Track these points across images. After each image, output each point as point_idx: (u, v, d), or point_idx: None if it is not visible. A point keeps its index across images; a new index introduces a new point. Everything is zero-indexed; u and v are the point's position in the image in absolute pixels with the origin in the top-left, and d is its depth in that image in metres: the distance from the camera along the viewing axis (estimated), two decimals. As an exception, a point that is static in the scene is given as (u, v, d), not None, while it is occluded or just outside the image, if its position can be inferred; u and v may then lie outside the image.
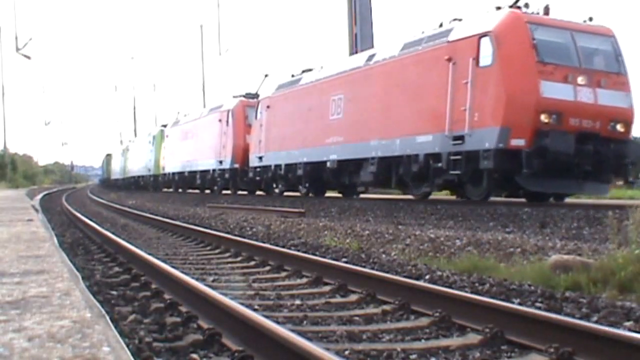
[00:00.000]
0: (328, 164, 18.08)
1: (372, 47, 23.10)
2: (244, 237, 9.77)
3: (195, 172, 30.62)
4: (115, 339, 2.43)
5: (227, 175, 26.22)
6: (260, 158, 22.56)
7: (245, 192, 26.83)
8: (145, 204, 23.49)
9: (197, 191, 31.83)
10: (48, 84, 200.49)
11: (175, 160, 34.72)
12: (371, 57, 16.96)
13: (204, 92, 49.57)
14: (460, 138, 13.04)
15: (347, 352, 3.70)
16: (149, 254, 7.29)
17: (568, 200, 14.49)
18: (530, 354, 3.72)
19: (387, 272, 6.12)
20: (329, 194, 22.34)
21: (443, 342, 4.00)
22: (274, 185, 23.41)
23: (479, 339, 3.96)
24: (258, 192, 26.00)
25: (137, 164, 46.41)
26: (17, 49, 36.37)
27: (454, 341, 3.99)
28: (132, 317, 4.40)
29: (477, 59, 12.88)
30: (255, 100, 25.40)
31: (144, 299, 5.14)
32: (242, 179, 25.22)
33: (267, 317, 3.92)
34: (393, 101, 15.50)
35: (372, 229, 10.14)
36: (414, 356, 3.68)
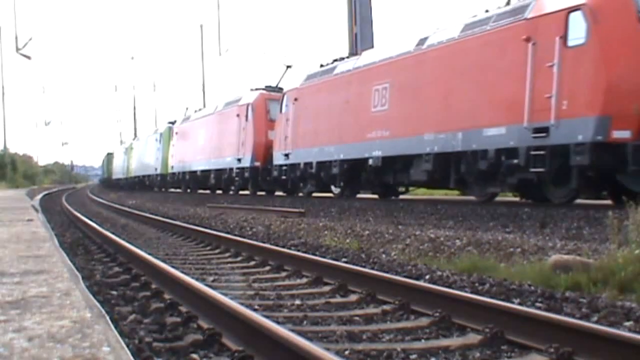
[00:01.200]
0: (370, 162, 16.08)
1: (372, 47, 23.08)
2: (244, 237, 9.77)
3: (208, 171, 28.47)
4: (115, 339, 2.43)
5: (246, 174, 24.12)
6: (287, 155, 20.58)
7: (262, 193, 25.02)
8: (145, 204, 23.49)
9: (208, 191, 30.00)
10: (48, 84, 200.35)
11: (186, 158, 32.41)
12: (423, 40, 14.72)
13: (204, 92, 49.58)
14: (544, 130, 11.25)
15: (347, 352, 3.70)
16: (149, 254, 7.29)
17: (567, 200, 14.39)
18: (530, 354, 3.72)
19: (387, 272, 6.12)
20: (311, 194, 22.22)
21: (443, 342, 4.00)
22: (301, 185, 21.59)
23: (479, 339, 3.96)
24: (268, 192, 24.65)
25: (143, 162, 44.14)
26: (17, 49, 36.37)
27: (454, 341, 3.99)
28: (132, 317, 4.40)
29: (565, 38, 11.06)
30: (277, 93, 23.56)
31: (144, 299, 5.14)
32: (264, 179, 23.31)
33: (267, 317, 3.93)
34: (453, 89, 13.51)
35: (372, 229, 10.14)
36: (414, 356, 3.68)
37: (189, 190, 32.48)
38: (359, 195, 19.84)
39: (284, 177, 21.09)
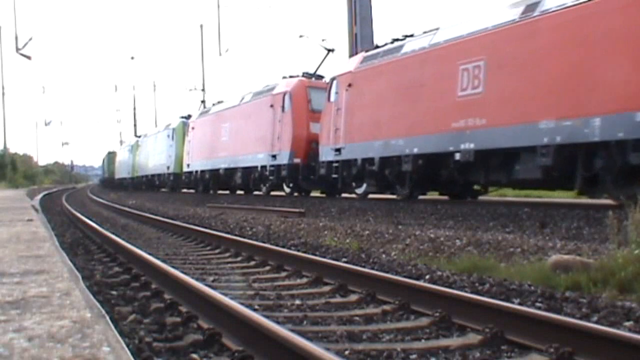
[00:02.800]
0: (457, 156, 13.08)
1: (372, 47, 23.07)
2: (244, 237, 9.77)
3: (234, 169, 25.10)
4: (115, 339, 2.43)
5: (284, 173, 20.78)
6: (338, 150, 17.55)
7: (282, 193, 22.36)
8: (145, 204, 23.49)
9: (228, 192, 27.39)
10: (48, 84, 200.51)
11: (205, 155, 28.63)
12: (533, 5, 11.98)
13: (204, 92, 49.56)
14: None
15: (347, 352, 3.70)
16: (149, 253, 7.29)
17: (568, 200, 14.40)
18: (530, 354, 3.72)
19: (387, 272, 6.12)
20: (317, 195, 21.88)
21: (443, 342, 4.00)
22: (354, 185, 18.33)
23: (479, 339, 3.96)
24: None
25: (152, 161, 40.20)
26: (17, 49, 36.35)
27: (454, 341, 3.99)
28: (132, 317, 4.40)
29: None
30: (319, 80, 21.12)
31: (144, 299, 5.14)
32: (306, 177, 20.29)
33: (267, 317, 3.93)
34: (585, 64, 10.75)
35: (372, 229, 10.14)
36: (414, 356, 3.68)
37: (210, 191, 29.05)
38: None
39: (334, 176, 17.93)
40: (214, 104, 30.49)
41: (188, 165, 31.28)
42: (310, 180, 20.51)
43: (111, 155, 66.52)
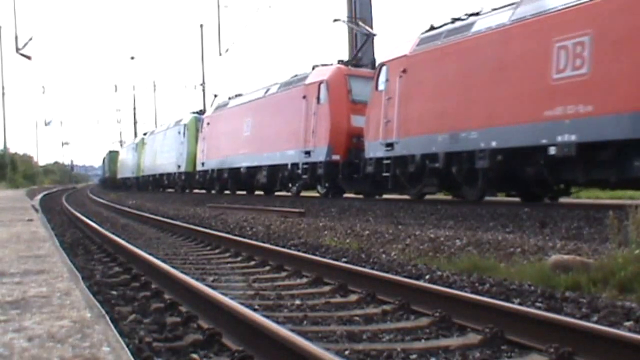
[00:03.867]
0: (552, 150, 11.10)
1: (372, 47, 23.09)
2: (244, 237, 9.77)
3: (257, 167, 22.87)
4: (115, 339, 2.43)
5: (319, 171, 18.65)
6: (390, 145, 15.31)
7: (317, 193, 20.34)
8: (145, 204, 23.49)
9: (245, 192, 25.71)
10: (48, 84, 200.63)
11: (223, 153, 26.28)
12: None
13: (204, 92, 49.56)
14: None
15: (347, 352, 3.70)
16: (149, 253, 7.30)
17: (568, 200, 14.36)
18: (530, 354, 3.71)
19: (387, 272, 6.12)
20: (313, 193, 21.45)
21: (443, 342, 4.00)
22: (407, 185, 15.69)
23: (479, 339, 3.96)
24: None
25: (160, 159, 37.53)
26: (17, 49, 36.33)
27: (454, 341, 3.99)
28: (132, 317, 4.41)
29: None
30: (359, 69, 19.05)
31: (144, 299, 5.14)
32: (347, 176, 18.11)
33: (267, 317, 3.93)
34: None
35: (372, 229, 10.14)
36: (414, 356, 3.68)
37: (227, 192, 27.03)
38: (362, 196, 18.24)
39: (386, 174, 15.52)
40: (230, 98, 27.95)
41: (202, 164, 29.02)
42: (352, 180, 18.32)
43: (113, 155, 64.69)
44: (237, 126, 25.01)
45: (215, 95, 33.55)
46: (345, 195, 19.66)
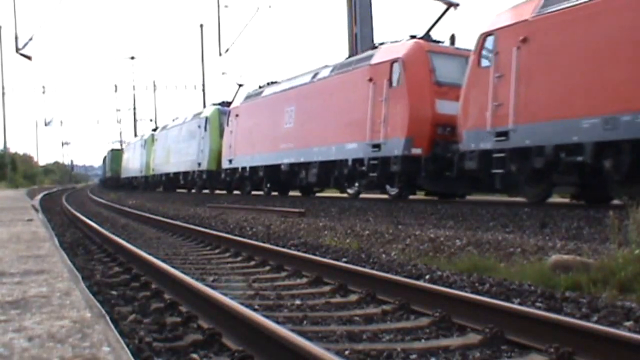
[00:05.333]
0: None
1: (372, 47, 23.04)
2: (244, 237, 9.78)
3: (305, 164, 19.66)
4: (115, 339, 2.43)
5: (395, 167, 15.32)
6: (503, 135, 12.27)
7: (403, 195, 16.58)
8: (145, 204, 23.49)
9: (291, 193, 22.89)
10: (48, 84, 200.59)
11: (258, 149, 23.12)
12: None
13: (204, 92, 49.58)
14: None
15: (347, 352, 3.70)
16: (149, 253, 7.30)
17: (568, 200, 14.34)
18: (530, 354, 3.72)
19: (387, 272, 6.12)
20: (322, 194, 21.08)
21: (443, 342, 4.00)
22: (527, 183, 12.63)
23: (479, 339, 3.96)
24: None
25: (175, 156, 33.98)
26: (17, 49, 36.32)
27: (454, 341, 3.99)
28: (132, 317, 4.41)
29: None
30: (442, 45, 15.93)
31: (144, 299, 5.14)
32: (434, 173, 14.96)
33: (267, 317, 3.92)
34: None
35: (372, 229, 10.14)
36: (414, 356, 3.68)
37: (262, 192, 24.18)
38: (361, 196, 17.52)
39: (497, 171, 12.53)
40: (261, 87, 24.70)
41: (230, 161, 25.56)
42: (440, 178, 15.09)
43: (115, 153, 61.81)
44: (275, 117, 21.74)
45: (240, 85, 30.22)
46: (414, 196, 16.88)
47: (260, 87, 24.73)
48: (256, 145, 23.26)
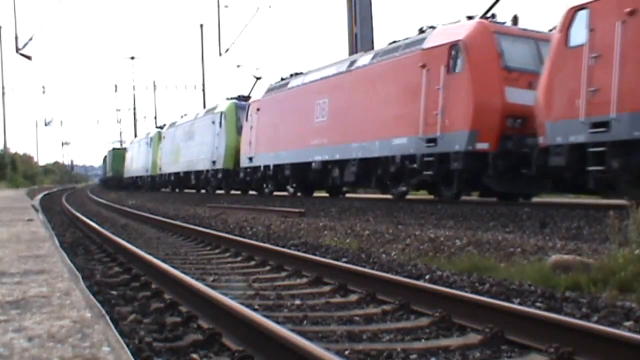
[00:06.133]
0: None
1: (372, 47, 23.05)
2: (244, 237, 9.77)
3: (343, 161, 17.78)
4: (115, 339, 2.43)
5: (456, 164, 13.57)
6: (602, 125, 10.50)
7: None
8: (145, 204, 23.49)
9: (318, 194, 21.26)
10: (48, 84, 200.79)
11: (283, 145, 21.23)
12: None
13: (204, 92, 49.59)
14: None
15: (347, 352, 3.70)
16: (149, 253, 7.30)
17: (568, 200, 14.36)
18: (530, 354, 3.72)
19: (387, 272, 6.12)
20: (319, 193, 20.68)
21: (443, 342, 4.00)
22: (633, 182, 10.46)
23: (479, 339, 3.96)
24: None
25: (187, 154, 31.92)
26: (17, 49, 36.32)
27: (454, 341, 3.99)
28: (132, 317, 4.40)
29: None
30: (508, 26, 14.06)
31: (144, 299, 5.14)
32: (504, 170, 13.12)
33: (267, 317, 3.92)
34: None
35: (372, 229, 10.14)
36: (414, 356, 3.68)
37: (287, 193, 22.57)
38: (361, 196, 17.68)
39: (594, 168, 10.67)
40: (284, 79, 22.76)
41: (250, 159, 23.67)
42: (511, 176, 13.23)
43: (117, 152, 59.81)
44: (304, 111, 19.80)
45: (258, 78, 28.66)
46: (466, 198, 15.18)
47: (283, 79, 22.91)
48: (281, 142, 21.39)
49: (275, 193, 23.43)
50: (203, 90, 49.81)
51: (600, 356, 3.43)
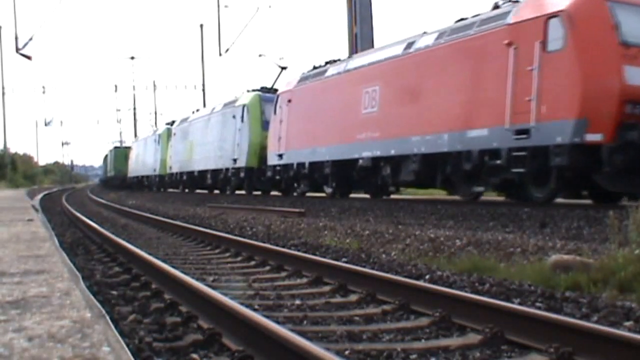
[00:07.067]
0: None
1: (372, 47, 23.03)
2: (244, 237, 9.77)
3: (400, 157, 15.48)
4: (115, 339, 2.44)
5: (558, 160, 11.39)
6: None
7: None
8: (145, 204, 23.49)
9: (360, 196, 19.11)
10: (48, 84, 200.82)
11: (321, 140, 18.94)
12: None
13: (204, 92, 49.59)
14: None
15: (347, 352, 3.70)
16: (149, 253, 7.30)
17: (568, 200, 14.30)
18: (530, 354, 3.72)
19: (387, 272, 6.12)
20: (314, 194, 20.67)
21: (443, 342, 4.00)
22: None
23: (479, 339, 3.96)
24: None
25: (201, 152, 29.50)
26: (17, 49, 36.32)
27: (454, 341, 3.99)
28: (132, 317, 4.40)
29: None
30: None
31: (144, 299, 5.14)
32: (623, 168, 11.00)
33: (267, 317, 3.93)
34: None
35: (372, 229, 10.14)
36: (414, 356, 3.68)
37: (325, 194, 20.05)
38: (361, 196, 16.79)
39: None
40: (316, 67, 20.82)
41: (280, 156, 21.24)
42: (633, 175, 11.14)
43: (119, 151, 56.87)
44: (348, 101, 17.55)
45: (283, 68, 26.45)
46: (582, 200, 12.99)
47: (315, 67, 20.84)
48: (319, 137, 18.97)
49: (277, 193, 22.67)
50: (203, 90, 49.83)
51: (600, 356, 3.43)
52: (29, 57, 36.68)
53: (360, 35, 25.62)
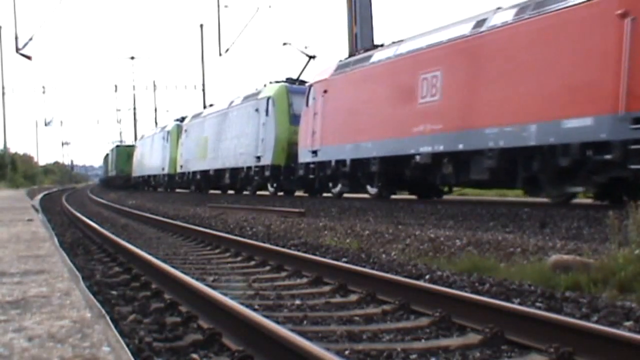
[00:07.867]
0: None
1: (372, 47, 23.00)
2: (244, 237, 9.78)
3: (464, 154, 13.31)
4: (115, 339, 2.44)
5: None
6: None
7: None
8: (145, 204, 23.49)
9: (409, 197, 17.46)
10: (48, 84, 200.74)
11: (365, 135, 16.65)
12: None
13: (204, 92, 49.58)
14: None
15: (347, 352, 3.70)
16: (149, 253, 7.30)
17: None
18: (530, 354, 3.72)
19: (387, 272, 6.12)
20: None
21: (443, 342, 4.00)
22: None
23: (479, 339, 3.96)
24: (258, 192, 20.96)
25: (217, 150, 27.13)
26: (17, 49, 36.31)
27: (454, 341, 3.99)
28: (132, 317, 4.41)
29: None
30: None
31: (144, 299, 5.15)
32: None
33: (267, 317, 3.93)
34: None
35: (372, 229, 10.14)
36: (414, 356, 3.68)
37: (368, 195, 17.72)
38: (361, 196, 16.46)
39: None
40: (353, 54, 19.20)
41: (315, 153, 18.94)
42: None
43: (122, 149, 53.50)
44: (402, 89, 15.23)
45: (311, 57, 24.31)
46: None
47: (351, 55, 19.08)
48: (364, 130, 16.68)
49: (290, 194, 21.15)
50: (203, 90, 49.78)
51: (600, 356, 3.43)
52: (29, 57, 36.66)
53: (360, 35, 25.62)
